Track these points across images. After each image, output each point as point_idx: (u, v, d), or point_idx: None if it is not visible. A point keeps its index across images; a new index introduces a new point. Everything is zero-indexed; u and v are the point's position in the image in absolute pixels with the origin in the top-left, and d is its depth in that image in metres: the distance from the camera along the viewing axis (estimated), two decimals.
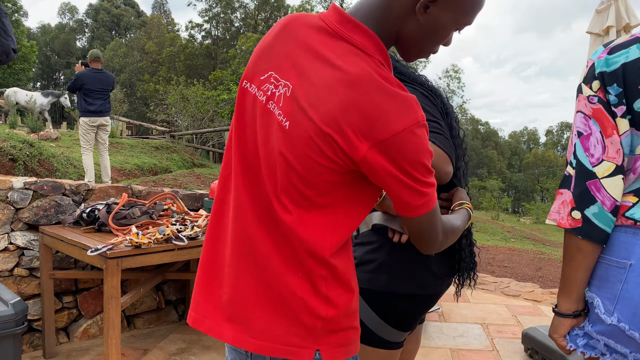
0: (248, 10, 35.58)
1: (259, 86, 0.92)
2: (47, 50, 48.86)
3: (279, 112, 0.87)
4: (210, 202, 3.65)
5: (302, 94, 0.85)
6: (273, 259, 0.88)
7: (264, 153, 0.89)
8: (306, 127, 0.83)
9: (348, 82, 0.81)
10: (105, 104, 6.22)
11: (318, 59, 0.86)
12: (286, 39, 0.92)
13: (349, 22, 0.88)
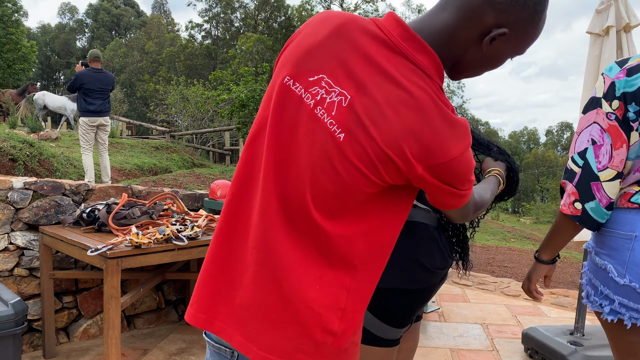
0: (248, 10, 35.57)
1: (307, 88, 0.86)
2: (47, 50, 48.86)
3: (331, 121, 0.83)
4: (210, 202, 3.65)
5: (362, 108, 0.82)
6: (295, 268, 0.85)
7: (307, 159, 0.85)
8: (364, 144, 0.81)
9: (412, 106, 0.80)
10: (104, 104, 6.21)
11: (380, 74, 0.83)
12: (341, 42, 0.86)
13: (414, 40, 0.85)
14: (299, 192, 0.85)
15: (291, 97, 0.88)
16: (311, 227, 0.85)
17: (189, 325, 3.56)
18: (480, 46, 0.89)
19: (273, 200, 0.86)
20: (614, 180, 1.32)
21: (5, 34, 22.68)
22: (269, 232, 0.86)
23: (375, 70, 0.83)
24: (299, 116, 0.86)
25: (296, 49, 0.90)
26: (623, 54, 2.82)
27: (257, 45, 27.02)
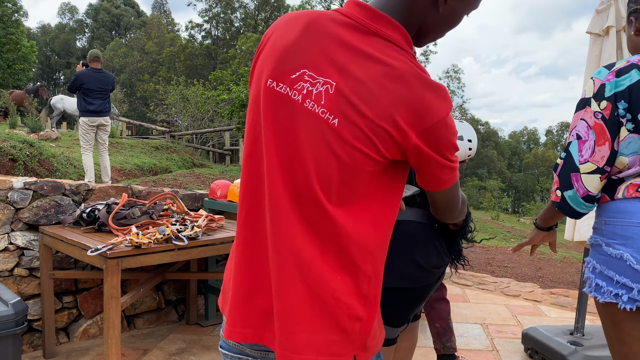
0: (248, 10, 35.58)
1: (291, 85, 0.89)
2: (47, 50, 48.86)
3: (323, 110, 0.87)
4: (210, 202, 3.65)
5: (349, 90, 0.85)
6: (316, 260, 0.87)
7: (308, 153, 0.87)
8: (359, 122, 0.85)
9: (395, 77, 0.85)
10: (104, 104, 6.21)
11: (359, 55, 0.87)
12: (315, 37, 0.90)
13: (380, 17, 0.90)
14: (308, 187, 0.87)
15: (278, 97, 0.90)
16: (326, 220, 0.87)
17: (189, 325, 3.57)
18: (437, 8, 0.93)
19: (283, 202, 0.89)
20: (594, 174, 1.43)
21: (5, 34, 22.67)
22: (285, 234, 0.88)
23: (353, 53, 0.87)
24: (290, 114, 0.89)
25: (271, 52, 0.94)
26: (623, 54, 2.82)
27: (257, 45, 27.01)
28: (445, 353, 2.43)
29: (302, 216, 0.88)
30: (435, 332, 2.43)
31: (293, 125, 0.89)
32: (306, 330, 0.87)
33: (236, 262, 0.96)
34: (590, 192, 1.43)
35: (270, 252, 0.90)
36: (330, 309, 0.87)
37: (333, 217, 0.87)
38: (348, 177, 0.86)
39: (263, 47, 0.97)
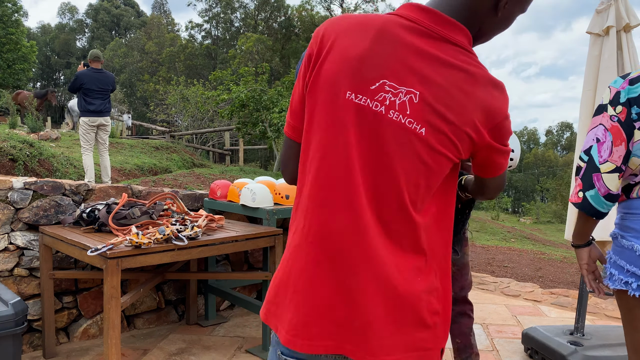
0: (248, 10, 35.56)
1: (372, 97, 0.89)
2: (47, 50, 48.84)
3: (409, 120, 0.87)
4: (210, 202, 3.65)
5: (433, 98, 0.87)
6: (397, 267, 0.88)
7: (399, 162, 0.87)
8: (445, 130, 0.87)
9: (473, 82, 0.89)
10: (105, 104, 6.20)
11: (436, 62, 0.88)
12: (389, 45, 0.89)
13: (448, 22, 0.91)
14: (396, 197, 0.88)
15: (359, 110, 0.89)
16: (408, 226, 0.89)
17: (189, 325, 3.57)
18: (496, 13, 0.96)
19: (365, 211, 0.88)
20: (613, 173, 1.52)
21: (5, 34, 22.67)
22: (366, 244, 0.88)
23: (430, 60, 0.88)
24: (376, 126, 0.88)
25: (344, 61, 0.91)
26: (623, 54, 2.82)
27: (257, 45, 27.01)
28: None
29: (382, 223, 0.89)
30: (456, 348, 2.36)
31: (378, 138, 0.88)
32: (394, 333, 0.88)
33: (304, 274, 0.92)
34: (611, 191, 1.53)
35: (347, 261, 0.88)
36: (413, 308, 0.89)
37: (415, 222, 0.89)
38: (433, 182, 0.90)
39: (326, 52, 0.93)
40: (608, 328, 3.12)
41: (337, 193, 0.90)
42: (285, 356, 0.96)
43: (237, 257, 3.96)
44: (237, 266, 3.96)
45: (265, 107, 10.37)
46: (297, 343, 0.91)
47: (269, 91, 10.81)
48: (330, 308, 0.90)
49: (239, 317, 3.76)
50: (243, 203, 3.35)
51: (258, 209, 3.25)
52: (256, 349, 3.10)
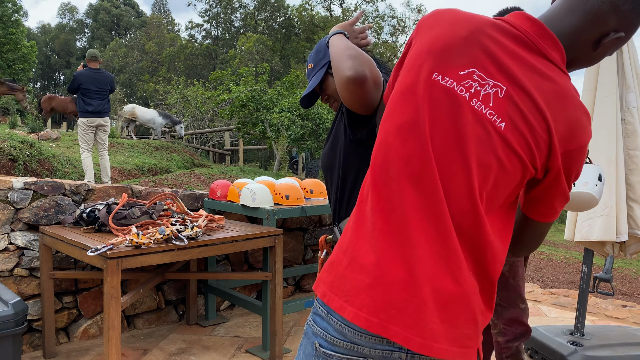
0: (248, 10, 35.57)
1: (459, 81, 0.89)
2: (47, 50, 48.85)
3: (490, 112, 0.87)
4: (210, 202, 3.66)
5: (518, 98, 0.87)
6: (459, 255, 0.87)
7: (473, 149, 0.87)
8: (524, 131, 0.87)
9: (562, 96, 0.89)
10: (103, 104, 6.14)
11: (528, 67, 0.89)
12: (484, 39, 0.90)
13: (550, 38, 0.92)
14: (465, 181, 0.87)
15: (443, 91, 0.89)
16: (472, 217, 0.87)
17: (189, 325, 3.57)
18: (595, 48, 0.96)
19: (441, 197, 0.87)
20: None
21: (5, 34, 22.67)
22: (434, 225, 0.87)
23: (523, 64, 0.89)
24: (456, 110, 0.88)
25: (434, 44, 0.92)
26: (623, 54, 2.82)
27: (257, 45, 27.02)
28: None
29: (451, 208, 0.87)
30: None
31: (457, 122, 0.88)
32: (447, 322, 0.86)
33: (376, 250, 0.90)
34: None
35: (421, 242, 0.87)
36: (470, 303, 0.88)
37: (480, 216, 0.87)
38: (502, 182, 0.88)
39: (421, 36, 0.95)
40: (608, 328, 3.12)
41: (405, 165, 0.89)
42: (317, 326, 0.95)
43: (237, 257, 3.96)
44: (237, 266, 3.96)
45: (265, 107, 10.37)
46: (350, 312, 0.89)
47: (269, 91, 10.81)
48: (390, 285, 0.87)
49: (239, 317, 3.76)
50: (243, 203, 3.35)
51: (258, 209, 3.26)
52: (256, 349, 3.10)
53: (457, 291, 0.86)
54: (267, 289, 3.02)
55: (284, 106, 9.68)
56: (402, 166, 0.89)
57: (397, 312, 0.86)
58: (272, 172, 10.88)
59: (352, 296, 0.89)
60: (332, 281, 0.94)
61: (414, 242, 0.87)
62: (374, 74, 1.18)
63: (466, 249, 0.88)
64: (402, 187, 0.89)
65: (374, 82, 1.18)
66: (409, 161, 0.89)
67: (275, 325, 2.96)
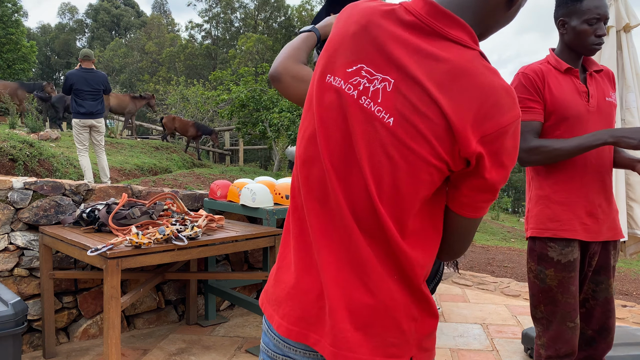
0: (248, 10, 35.56)
1: (347, 79, 0.85)
2: (47, 50, 48.86)
3: (378, 109, 0.83)
4: (210, 202, 3.65)
5: (407, 88, 0.81)
6: (372, 261, 0.85)
7: (363, 152, 0.84)
8: (416, 122, 0.80)
9: (457, 74, 0.80)
10: (95, 105, 6.02)
11: (418, 53, 0.82)
12: (373, 30, 0.86)
13: (444, 16, 0.85)
14: (363, 189, 0.84)
15: (332, 91, 0.87)
16: (377, 222, 0.84)
17: (189, 325, 3.57)
18: (507, 8, 0.90)
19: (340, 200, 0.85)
20: None
21: (5, 34, 22.68)
22: (342, 233, 0.86)
23: (413, 51, 0.83)
24: (344, 110, 0.85)
25: (328, 45, 0.90)
26: (623, 54, 2.82)
27: (257, 45, 27.02)
28: None
29: (355, 214, 0.85)
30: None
31: (347, 122, 0.85)
32: (363, 330, 0.84)
33: (293, 260, 0.92)
34: None
35: (326, 250, 0.87)
36: (388, 310, 0.85)
37: (383, 219, 0.83)
38: (402, 181, 0.82)
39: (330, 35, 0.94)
40: None
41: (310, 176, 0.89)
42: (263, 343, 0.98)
43: (237, 257, 3.96)
44: (237, 266, 3.96)
45: (265, 107, 10.37)
46: (276, 323, 0.91)
47: (269, 91, 10.81)
48: (304, 294, 0.89)
49: (239, 317, 3.76)
50: (243, 203, 3.35)
51: (258, 209, 3.25)
52: (256, 349, 3.10)
53: (369, 299, 0.84)
54: None
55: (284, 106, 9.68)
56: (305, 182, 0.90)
57: (314, 320, 0.87)
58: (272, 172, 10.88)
59: (277, 305, 0.93)
60: (267, 290, 0.98)
61: (322, 252, 0.87)
62: (290, 70, 1.20)
63: (383, 256, 0.85)
64: (309, 202, 0.89)
65: (292, 77, 1.19)
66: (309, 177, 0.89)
67: None
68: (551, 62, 1.88)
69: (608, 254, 1.91)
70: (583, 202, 1.82)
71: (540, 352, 1.93)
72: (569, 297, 1.85)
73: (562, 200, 1.83)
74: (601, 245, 1.90)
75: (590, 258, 1.89)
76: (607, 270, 1.91)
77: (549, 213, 1.84)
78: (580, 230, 1.82)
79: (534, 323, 1.94)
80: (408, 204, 0.83)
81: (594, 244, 1.88)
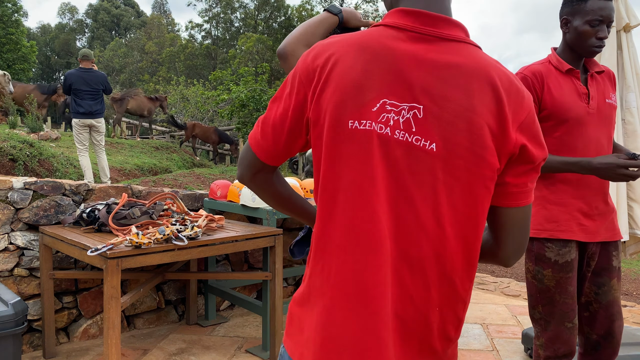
0: (248, 10, 35.57)
1: (376, 119, 0.81)
2: (47, 50, 48.87)
3: (417, 138, 0.80)
4: (210, 202, 3.65)
5: (438, 108, 0.80)
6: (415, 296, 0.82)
7: (414, 186, 0.80)
8: (459, 140, 0.79)
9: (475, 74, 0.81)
10: (94, 105, 6.02)
11: (432, 67, 0.81)
12: (382, 60, 0.82)
13: (439, 20, 0.84)
14: (415, 216, 0.81)
15: (366, 137, 0.81)
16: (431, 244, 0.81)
17: (189, 325, 3.57)
18: None
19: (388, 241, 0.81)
20: None
21: (5, 34, 22.69)
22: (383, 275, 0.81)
23: (427, 67, 0.81)
24: (385, 151, 0.81)
25: (342, 91, 0.83)
26: (623, 54, 2.82)
27: (257, 45, 27.02)
28: None
29: (402, 252, 0.81)
30: None
31: (392, 163, 0.81)
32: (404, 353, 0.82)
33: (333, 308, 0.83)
34: None
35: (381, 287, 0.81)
36: (427, 336, 0.83)
37: (440, 242, 0.81)
38: (457, 201, 0.81)
39: (324, 81, 0.84)
40: None
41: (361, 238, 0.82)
42: None
43: (237, 257, 3.96)
44: (237, 266, 3.96)
45: (265, 107, 10.38)
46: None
47: (269, 91, 10.82)
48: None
49: (239, 317, 3.76)
50: (243, 203, 3.35)
51: (258, 209, 3.25)
52: (256, 349, 3.10)
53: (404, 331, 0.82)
54: (267, 289, 3.02)
55: None
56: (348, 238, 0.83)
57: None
58: None
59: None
60: None
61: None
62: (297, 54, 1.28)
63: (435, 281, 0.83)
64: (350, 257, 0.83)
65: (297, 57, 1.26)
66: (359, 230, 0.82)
67: (275, 325, 2.96)
68: (552, 62, 1.86)
69: (609, 255, 1.88)
70: (580, 203, 1.82)
71: (539, 352, 1.93)
72: (566, 297, 1.84)
73: (559, 201, 1.82)
74: (600, 246, 1.89)
75: (589, 259, 1.89)
76: (609, 271, 1.89)
77: (546, 214, 1.83)
78: (577, 230, 1.81)
79: (533, 323, 1.94)
80: (472, 223, 0.82)
81: (592, 245, 1.87)
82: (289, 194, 1.03)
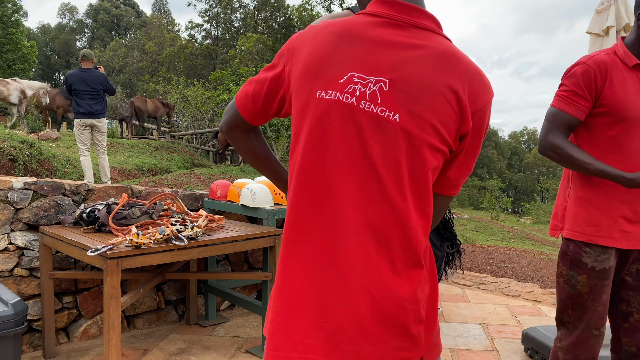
0: (248, 10, 35.57)
1: (341, 89, 0.87)
2: (47, 50, 48.87)
3: (381, 109, 0.85)
4: (210, 202, 3.66)
5: (404, 83, 0.85)
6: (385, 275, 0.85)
7: (378, 153, 0.85)
8: (421, 113, 0.85)
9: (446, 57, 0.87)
10: (95, 105, 6.03)
11: (403, 48, 0.87)
12: (354, 40, 0.89)
13: (413, 10, 0.91)
14: (379, 187, 0.85)
15: (331, 104, 0.88)
16: (395, 220, 0.85)
17: (189, 325, 3.57)
18: None
19: (348, 208, 0.85)
20: None
21: (5, 34, 22.69)
22: (349, 245, 0.85)
23: (397, 47, 0.88)
24: (345, 118, 0.87)
25: (310, 65, 0.91)
26: None
27: (257, 45, 27.02)
28: None
29: (367, 221, 0.85)
30: None
31: (353, 128, 0.86)
32: (372, 340, 0.84)
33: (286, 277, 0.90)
34: None
35: (329, 265, 0.86)
36: (397, 318, 0.85)
37: (404, 214, 0.85)
38: (417, 171, 0.86)
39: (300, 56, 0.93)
40: (608, 328, 3.12)
41: (316, 189, 0.88)
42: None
43: (237, 257, 3.96)
44: (237, 266, 3.96)
45: None
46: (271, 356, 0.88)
47: None
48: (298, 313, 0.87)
49: (239, 317, 3.76)
50: (243, 203, 3.35)
51: (258, 209, 3.25)
52: (256, 349, 3.10)
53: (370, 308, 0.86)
54: (267, 289, 3.02)
55: None
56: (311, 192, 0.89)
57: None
58: None
59: None
60: None
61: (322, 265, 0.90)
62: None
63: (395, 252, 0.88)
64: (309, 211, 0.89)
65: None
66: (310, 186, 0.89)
67: None
68: (619, 53, 1.70)
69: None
70: (625, 208, 1.70)
71: (558, 354, 1.84)
72: (599, 305, 1.75)
73: (602, 204, 1.70)
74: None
75: (630, 266, 1.78)
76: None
77: (587, 216, 1.72)
78: (618, 237, 1.70)
79: (557, 325, 1.85)
80: (418, 187, 0.87)
81: (635, 252, 1.76)
82: (266, 154, 1.10)
